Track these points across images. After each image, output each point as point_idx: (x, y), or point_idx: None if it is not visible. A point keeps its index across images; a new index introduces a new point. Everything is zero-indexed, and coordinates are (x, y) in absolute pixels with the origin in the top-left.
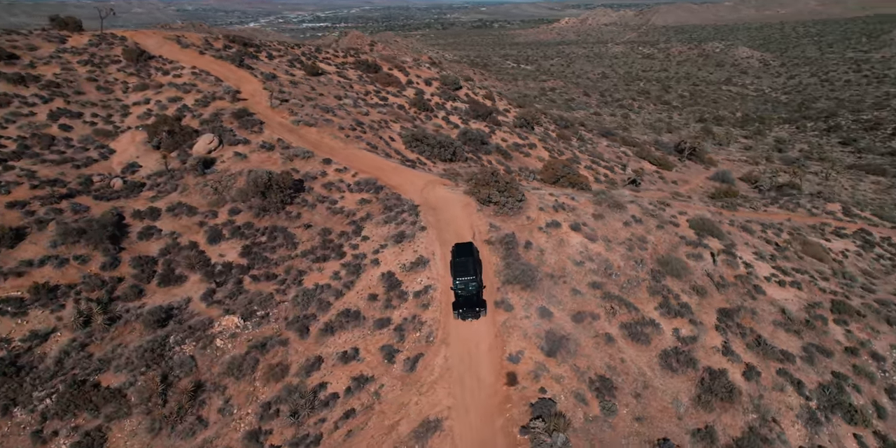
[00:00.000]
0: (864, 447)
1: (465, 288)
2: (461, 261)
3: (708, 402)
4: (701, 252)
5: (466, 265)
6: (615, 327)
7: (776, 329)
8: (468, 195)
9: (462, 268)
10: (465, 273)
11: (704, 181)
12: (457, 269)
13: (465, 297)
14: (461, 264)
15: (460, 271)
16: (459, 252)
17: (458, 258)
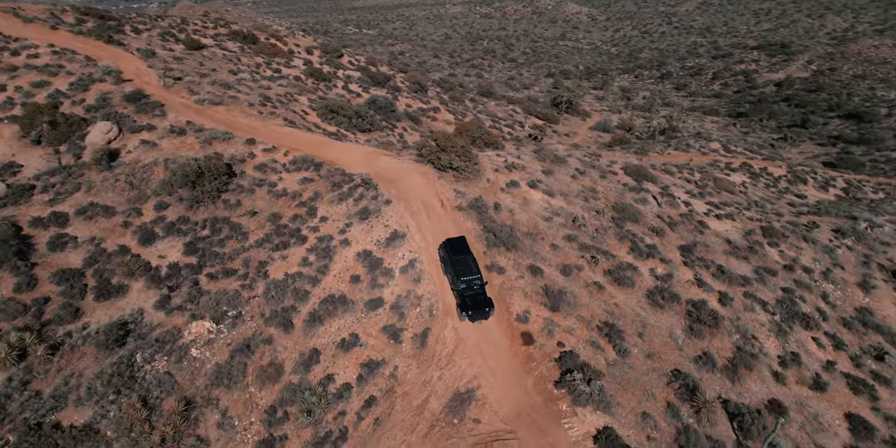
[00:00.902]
0: (821, 346)
1: (470, 287)
2: (460, 258)
3: (699, 331)
4: (644, 196)
5: (468, 262)
6: (600, 275)
7: (728, 257)
8: (423, 163)
9: (463, 266)
10: (468, 272)
11: (588, 132)
12: (457, 267)
13: (470, 296)
14: (461, 262)
15: (462, 270)
16: (454, 249)
17: (456, 255)
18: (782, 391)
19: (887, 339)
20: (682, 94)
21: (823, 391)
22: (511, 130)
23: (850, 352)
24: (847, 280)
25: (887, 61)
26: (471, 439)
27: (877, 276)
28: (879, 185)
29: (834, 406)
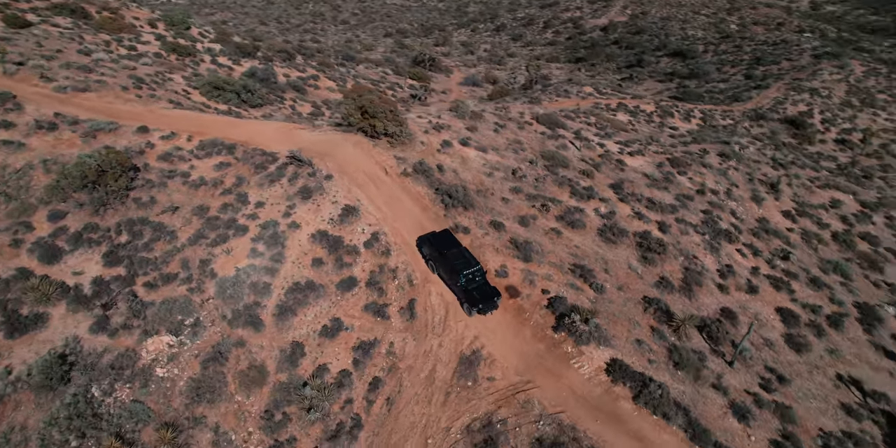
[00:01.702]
0: (744, 255)
1: (472, 280)
2: (454, 252)
3: (651, 259)
4: (563, 142)
5: (464, 255)
6: (554, 221)
7: (651, 189)
8: (351, 133)
9: (460, 260)
10: (467, 265)
11: (460, 87)
12: (455, 263)
13: (476, 289)
14: (457, 256)
15: (461, 264)
16: (443, 243)
17: (448, 250)
18: (728, 299)
19: (784, 241)
20: (519, 45)
21: (756, 293)
22: (393, 93)
23: (764, 256)
24: (743, 196)
25: (683, 4)
26: (491, 398)
27: (761, 189)
28: (724, 112)
29: (766, 304)
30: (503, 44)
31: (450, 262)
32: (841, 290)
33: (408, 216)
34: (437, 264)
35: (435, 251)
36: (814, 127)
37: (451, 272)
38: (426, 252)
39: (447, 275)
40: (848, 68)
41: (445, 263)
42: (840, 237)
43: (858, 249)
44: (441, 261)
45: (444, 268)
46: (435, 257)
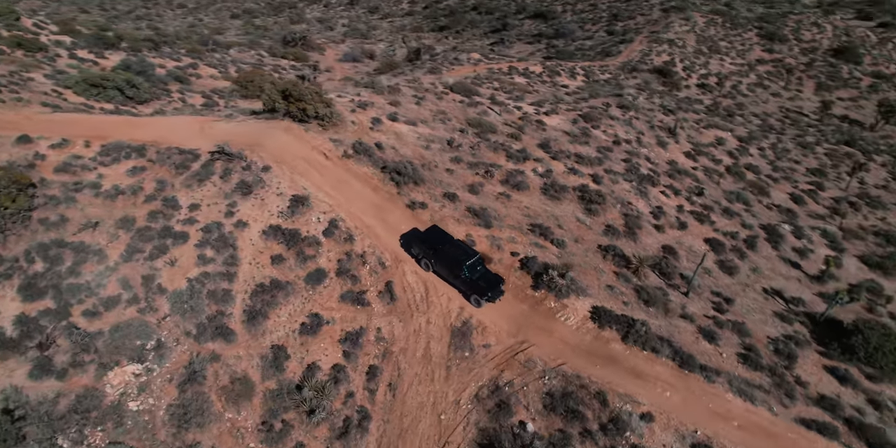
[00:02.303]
0: (667, 196)
1: (474, 269)
2: (450, 246)
3: (595, 210)
4: (483, 109)
5: (461, 247)
6: (500, 186)
7: (574, 145)
8: (277, 119)
9: (459, 251)
10: (467, 256)
11: (341, 64)
12: (455, 256)
13: (481, 278)
14: (454, 249)
15: (462, 257)
16: (436, 239)
17: (444, 245)
18: (665, 237)
19: (693, 179)
20: (377, 18)
21: (686, 228)
22: (280, 75)
23: (683, 195)
24: (651, 142)
25: None
26: (491, 364)
27: (662, 135)
28: (601, 67)
29: (695, 237)
30: (361, 18)
31: (448, 257)
32: (746, 216)
33: (360, 199)
34: (434, 261)
35: (428, 249)
36: (678, 74)
37: (452, 266)
38: (417, 251)
39: (447, 270)
40: (692, 20)
41: (443, 259)
42: (732, 170)
43: (748, 179)
44: (437, 257)
45: (442, 264)
46: (429, 255)
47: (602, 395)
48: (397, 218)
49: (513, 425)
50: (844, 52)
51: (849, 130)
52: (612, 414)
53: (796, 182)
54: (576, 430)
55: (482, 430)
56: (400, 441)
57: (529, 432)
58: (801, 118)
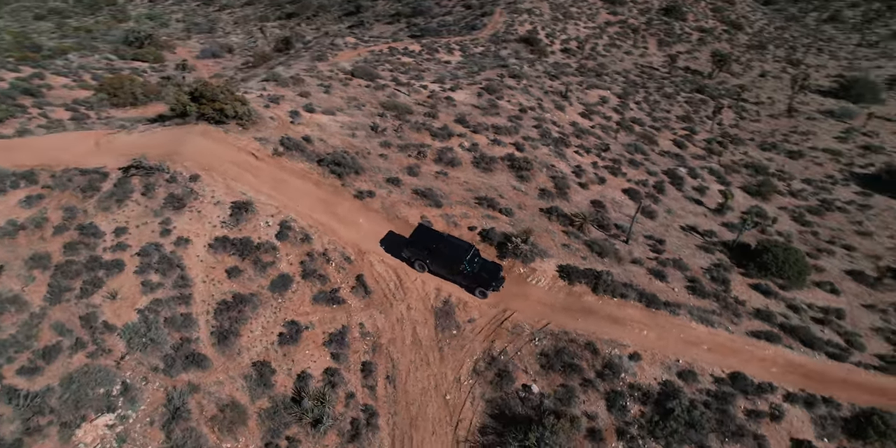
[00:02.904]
0: (580, 155)
1: (473, 261)
2: (444, 244)
3: (526, 177)
4: (391, 91)
5: (457, 242)
6: (434, 165)
7: (486, 117)
8: (190, 123)
9: (454, 247)
10: (465, 250)
11: (202, 61)
12: (452, 252)
13: (482, 269)
14: (449, 246)
15: (461, 252)
16: (426, 239)
17: (437, 244)
18: (590, 193)
19: (595, 136)
20: (214, 9)
21: (605, 183)
22: (143, 79)
23: (593, 152)
24: (550, 107)
25: None
26: (481, 337)
27: (558, 99)
28: (473, 41)
29: (614, 189)
30: (196, 11)
31: (445, 255)
32: (648, 165)
33: (305, 196)
34: (430, 261)
35: (422, 249)
36: (542, 42)
37: (451, 264)
38: (409, 254)
39: (446, 268)
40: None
41: (440, 258)
42: (623, 125)
43: (637, 131)
44: (433, 257)
45: (440, 263)
46: (423, 256)
47: (591, 346)
48: (347, 210)
49: (517, 390)
50: (671, 10)
51: (693, 79)
52: (605, 360)
53: (673, 129)
54: (576, 382)
55: (489, 401)
56: (412, 430)
57: (536, 393)
58: (654, 72)
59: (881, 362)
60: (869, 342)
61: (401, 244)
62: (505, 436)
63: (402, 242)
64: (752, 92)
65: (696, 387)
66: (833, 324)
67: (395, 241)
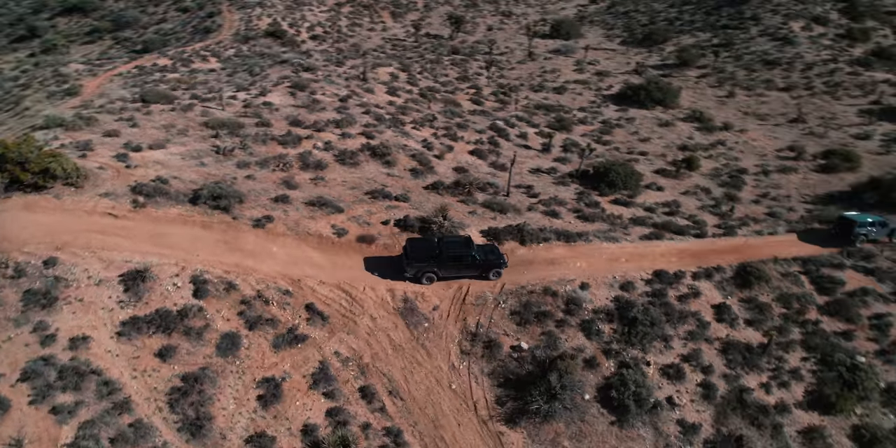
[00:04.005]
0: (418, 130)
1: (479, 249)
2: (445, 247)
3: (391, 161)
4: (202, 109)
5: (451, 241)
6: (304, 172)
7: (316, 114)
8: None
9: (456, 245)
10: (465, 244)
11: None
12: (457, 251)
13: (486, 252)
14: (451, 246)
15: (462, 248)
16: (426, 249)
17: (441, 249)
18: (448, 161)
19: (414, 110)
20: None
21: (453, 149)
22: None
23: (426, 125)
24: (361, 92)
25: None
26: (452, 319)
27: (356, 85)
28: (220, 44)
29: (462, 152)
30: None
31: (451, 256)
32: (472, 125)
33: (198, 241)
34: (439, 268)
35: (427, 261)
36: (289, 33)
37: (460, 260)
38: (414, 271)
39: (457, 268)
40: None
41: (447, 259)
42: (427, 95)
43: (441, 98)
44: (441, 262)
45: (449, 264)
46: (432, 265)
47: (548, 290)
48: (254, 242)
49: (509, 353)
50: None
51: (440, 43)
52: (565, 298)
53: (463, 90)
54: (552, 326)
55: (491, 373)
56: (439, 430)
57: (527, 348)
58: (404, 43)
59: (722, 230)
60: (704, 218)
61: (395, 266)
62: (523, 397)
63: (397, 264)
64: (496, 44)
65: (637, 293)
66: (678, 213)
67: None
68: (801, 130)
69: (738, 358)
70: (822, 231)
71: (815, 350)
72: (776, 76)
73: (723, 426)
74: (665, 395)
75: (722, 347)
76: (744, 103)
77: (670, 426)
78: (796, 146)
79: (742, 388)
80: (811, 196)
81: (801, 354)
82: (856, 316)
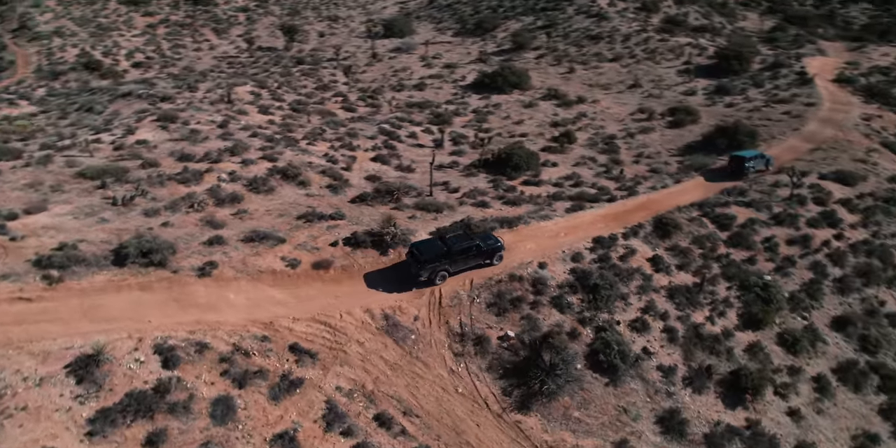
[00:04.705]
0: (314, 145)
1: (481, 238)
2: (454, 243)
3: (305, 181)
4: (69, 159)
5: (457, 236)
6: (222, 208)
7: (200, 145)
8: None
9: (461, 239)
10: (469, 237)
11: None
12: (464, 246)
13: (486, 239)
14: (458, 241)
15: (467, 241)
16: (434, 249)
17: (451, 248)
18: (357, 172)
19: (300, 127)
20: None
21: (356, 160)
22: None
23: (319, 139)
24: (235, 115)
25: None
26: (436, 326)
27: (221, 108)
28: (19, 84)
29: (365, 161)
30: None
31: (461, 250)
32: (361, 133)
33: (140, 305)
34: (451, 265)
35: (440, 257)
36: (106, 63)
37: (467, 253)
38: (428, 272)
39: (465, 261)
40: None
41: (458, 254)
42: (300, 109)
43: (312, 111)
44: (453, 259)
45: (460, 258)
46: (445, 264)
47: (513, 276)
48: (205, 293)
49: (499, 344)
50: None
51: (279, 54)
52: (530, 280)
53: (328, 99)
54: (527, 309)
55: (489, 368)
56: (462, 435)
57: (514, 336)
58: (239, 59)
59: (624, 191)
60: (604, 184)
61: (411, 269)
62: (526, 382)
63: (411, 268)
64: (339, 50)
65: (587, 261)
66: (582, 183)
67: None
68: (641, 94)
69: (683, 300)
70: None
71: (733, 279)
72: (603, 49)
73: (691, 361)
74: (640, 347)
75: (668, 294)
76: (585, 77)
77: (653, 373)
78: (644, 108)
79: (694, 324)
80: (675, 149)
81: (725, 285)
82: (753, 243)
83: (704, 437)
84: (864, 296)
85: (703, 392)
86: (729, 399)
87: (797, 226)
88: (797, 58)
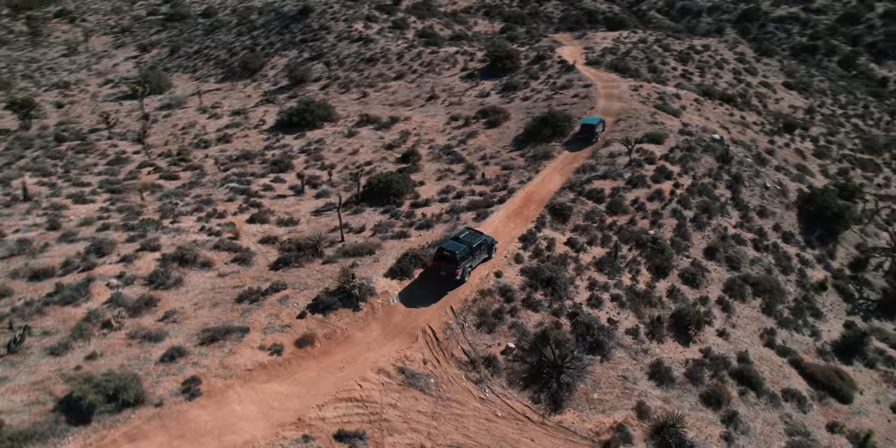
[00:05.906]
0: None
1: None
2: (471, 240)
3: (232, 248)
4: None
5: (467, 233)
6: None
7: None
8: None
9: (474, 238)
10: (477, 233)
11: None
12: (479, 243)
13: (486, 237)
14: (471, 238)
15: (478, 238)
16: (455, 249)
17: (471, 246)
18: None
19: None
20: None
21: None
22: None
23: None
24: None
25: None
26: (444, 361)
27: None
28: None
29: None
30: None
31: (476, 244)
32: (208, 191)
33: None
34: (473, 258)
35: (467, 255)
36: None
37: (480, 246)
38: (462, 268)
39: (479, 254)
40: None
41: (476, 249)
42: (118, 189)
43: (146, 186)
44: (473, 252)
45: (477, 252)
46: (471, 258)
47: (483, 292)
48: (209, 415)
49: (506, 359)
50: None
51: (22, 137)
52: (498, 289)
53: (137, 173)
54: (510, 318)
55: (510, 384)
56: None
57: (514, 346)
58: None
59: (505, 191)
60: (478, 190)
61: (439, 270)
62: (547, 384)
63: (439, 270)
64: (108, 117)
65: (527, 258)
66: (464, 194)
67: None
68: (443, 104)
69: (609, 269)
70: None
71: (628, 241)
72: (383, 69)
73: (643, 318)
74: (605, 319)
75: (597, 269)
76: (381, 98)
77: (626, 340)
78: (456, 115)
79: (627, 286)
80: (508, 146)
81: (626, 247)
82: (626, 207)
83: (685, 375)
84: (713, 226)
85: (663, 340)
86: (681, 339)
87: (647, 184)
88: (551, 49)
